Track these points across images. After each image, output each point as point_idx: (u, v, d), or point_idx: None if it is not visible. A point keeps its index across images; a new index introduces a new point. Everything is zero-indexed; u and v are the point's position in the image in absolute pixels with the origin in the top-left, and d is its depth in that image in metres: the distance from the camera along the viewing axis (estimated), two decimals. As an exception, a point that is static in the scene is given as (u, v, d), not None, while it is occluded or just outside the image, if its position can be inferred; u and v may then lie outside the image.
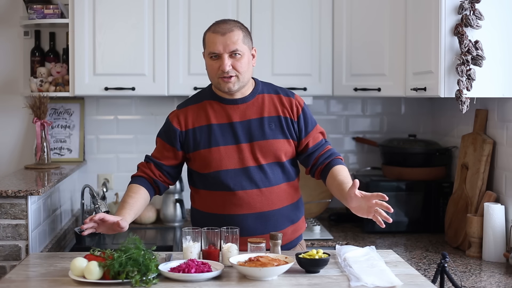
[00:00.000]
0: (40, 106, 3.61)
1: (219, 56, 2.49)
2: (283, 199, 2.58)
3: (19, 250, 2.81)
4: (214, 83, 2.57)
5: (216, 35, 2.49)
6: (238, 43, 2.48)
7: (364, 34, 3.60)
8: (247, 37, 2.54)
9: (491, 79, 2.92)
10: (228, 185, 2.52)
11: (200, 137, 2.55)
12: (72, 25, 3.59)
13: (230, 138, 2.54)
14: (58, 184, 3.33)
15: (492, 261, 2.99)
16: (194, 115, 2.59)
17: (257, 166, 2.54)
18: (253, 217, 2.54)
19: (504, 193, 3.08)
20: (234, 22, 2.54)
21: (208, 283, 2.15)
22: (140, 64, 3.62)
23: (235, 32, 2.49)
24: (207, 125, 2.56)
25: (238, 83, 2.52)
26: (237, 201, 2.53)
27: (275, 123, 2.57)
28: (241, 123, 2.55)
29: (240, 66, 2.49)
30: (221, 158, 2.53)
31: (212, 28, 2.53)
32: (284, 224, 2.59)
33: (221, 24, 2.52)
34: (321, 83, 3.68)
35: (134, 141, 4.02)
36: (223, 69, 2.48)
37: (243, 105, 2.58)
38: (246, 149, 2.54)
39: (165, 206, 3.90)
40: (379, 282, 2.14)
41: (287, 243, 2.61)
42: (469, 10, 2.87)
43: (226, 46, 2.47)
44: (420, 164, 3.69)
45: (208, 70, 2.57)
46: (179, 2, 3.62)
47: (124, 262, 2.10)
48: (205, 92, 2.67)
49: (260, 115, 2.57)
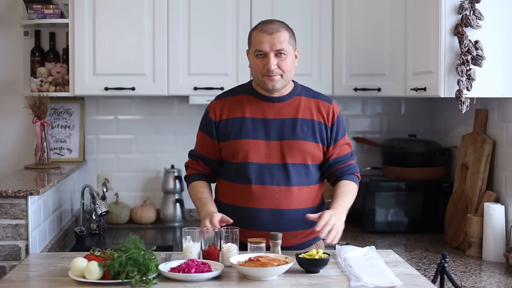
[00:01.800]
0: (40, 106, 3.61)
1: (265, 54, 2.54)
2: (301, 201, 2.60)
3: (19, 250, 2.81)
4: (258, 80, 2.60)
5: (263, 34, 2.53)
6: (284, 43, 2.54)
7: (364, 34, 3.60)
8: (292, 38, 2.60)
9: (491, 79, 2.92)
10: (250, 177, 2.57)
11: (232, 128, 2.60)
12: (72, 25, 3.59)
13: (261, 133, 2.59)
14: (58, 184, 3.33)
15: (492, 261, 2.99)
16: (229, 106, 2.64)
17: (282, 164, 2.57)
18: (269, 213, 2.56)
19: (504, 193, 3.09)
20: (280, 23, 2.59)
21: (208, 283, 2.15)
22: (140, 64, 3.62)
23: (281, 32, 2.54)
24: (241, 117, 2.61)
25: (282, 82, 2.57)
26: (256, 194, 2.56)
27: (308, 125, 2.61)
28: (275, 120, 2.60)
29: (285, 66, 2.55)
30: (249, 150, 2.57)
31: (259, 27, 2.58)
32: (299, 226, 2.60)
33: (268, 24, 2.57)
34: (321, 83, 3.68)
35: (134, 141, 4.02)
36: (268, 68, 2.53)
37: (279, 104, 2.62)
38: (274, 146, 2.58)
39: (165, 206, 3.90)
40: (379, 282, 2.14)
41: (302, 243, 2.63)
42: (469, 10, 2.87)
43: (273, 45, 2.52)
44: (420, 164, 3.69)
45: (252, 68, 2.61)
46: (179, 2, 3.62)
47: (124, 262, 2.10)
48: (244, 86, 2.72)
49: (294, 116, 2.61)
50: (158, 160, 4.02)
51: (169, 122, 4.01)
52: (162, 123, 4.02)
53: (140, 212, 3.92)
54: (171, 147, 4.01)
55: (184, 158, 2.83)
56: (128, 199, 4.01)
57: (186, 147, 2.97)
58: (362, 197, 3.69)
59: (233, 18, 3.62)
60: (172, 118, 4.01)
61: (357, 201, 3.82)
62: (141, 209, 3.93)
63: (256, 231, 2.52)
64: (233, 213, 2.56)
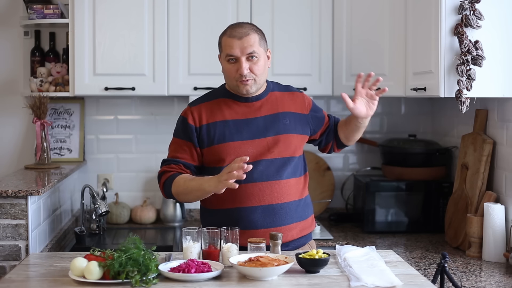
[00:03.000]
0: (40, 106, 3.61)
1: (236, 59, 2.53)
2: (291, 193, 2.60)
3: (19, 250, 2.81)
4: (232, 86, 2.59)
5: (233, 39, 2.52)
6: (255, 45, 2.53)
7: (364, 34, 3.60)
8: (263, 39, 2.59)
9: (491, 79, 2.92)
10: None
11: (214, 133, 2.58)
12: (72, 25, 3.59)
13: (244, 133, 2.58)
14: (58, 184, 3.33)
15: (492, 261, 2.98)
16: (207, 111, 2.62)
17: (269, 159, 2.58)
18: (261, 210, 2.56)
19: (504, 193, 3.08)
20: (249, 25, 2.59)
21: (208, 283, 2.15)
22: (140, 64, 3.62)
23: (251, 35, 2.53)
24: (222, 121, 2.59)
25: (256, 85, 2.57)
26: (246, 193, 2.55)
27: (289, 118, 2.63)
28: (256, 119, 2.61)
29: (257, 69, 2.54)
30: (235, 153, 2.55)
31: (228, 32, 2.56)
32: (292, 219, 2.60)
33: (237, 28, 2.56)
34: (321, 83, 3.68)
35: (134, 141, 4.02)
36: (241, 73, 2.52)
37: (258, 102, 2.63)
38: (260, 143, 2.58)
39: (165, 206, 3.90)
40: (379, 282, 2.14)
41: (294, 240, 2.62)
42: (469, 10, 2.87)
43: (243, 49, 2.51)
44: (420, 164, 3.69)
45: (225, 73, 2.59)
46: (179, 2, 3.62)
47: (124, 262, 2.10)
48: (218, 91, 2.70)
49: (275, 111, 2.63)
50: (158, 160, 3.99)
51: (169, 122, 4.00)
52: (162, 123, 4.02)
53: (140, 212, 3.92)
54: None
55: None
56: (128, 199, 4.01)
57: (186, 147, 2.97)
58: (362, 197, 3.69)
59: (233, 18, 3.62)
60: (172, 118, 4.00)
61: (357, 201, 3.85)
62: (141, 209, 3.93)
63: (249, 231, 2.51)
64: (225, 217, 2.55)
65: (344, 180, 4.04)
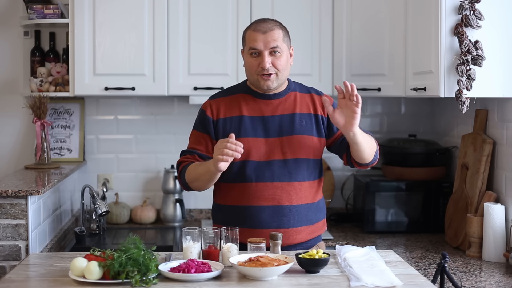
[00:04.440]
0: (40, 106, 3.61)
1: (259, 53, 2.54)
2: (302, 196, 2.60)
3: (19, 250, 2.81)
4: (253, 80, 2.60)
5: (257, 33, 2.55)
6: (278, 40, 2.55)
7: (364, 34, 3.60)
8: (286, 36, 2.61)
9: (491, 79, 2.92)
10: (250, 176, 2.56)
11: (230, 127, 2.59)
12: (72, 25, 3.59)
13: (260, 130, 2.59)
14: (58, 184, 3.33)
15: (492, 261, 2.99)
16: (226, 106, 2.63)
17: (283, 160, 2.57)
18: (270, 210, 2.56)
19: (504, 193, 3.08)
20: (273, 21, 2.60)
21: (208, 283, 2.15)
22: (140, 64, 3.62)
23: (275, 30, 2.55)
24: (239, 116, 2.60)
25: (277, 81, 2.58)
26: (256, 192, 2.56)
27: (306, 120, 2.62)
28: (273, 117, 2.60)
29: (279, 64, 2.55)
30: (249, 149, 2.56)
31: (253, 27, 2.59)
32: (300, 222, 2.59)
33: (262, 23, 2.58)
34: (321, 83, 3.68)
35: (134, 141, 4.02)
36: (263, 66, 2.53)
37: (276, 101, 2.63)
38: (274, 143, 2.58)
39: (165, 206, 3.90)
40: (379, 282, 2.14)
41: (303, 242, 2.62)
42: (469, 10, 2.87)
43: (267, 44, 2.53)
44: (420, 164, 3.69)
45: (247, 67, 2.61)
46: (179, 2, 3.62)
47: (124, 262, 2.10)
48: (239, 86, 2.72)
49: (292, 111, 2.62)
50: (158, 160, 4.02)
51: (169, 122, 4.01)
52: (162, 123, 4.02)
53: (140, 212, 3.92)
54: (171, 147, 4.01)
55: (184, 158, 2.83)
56: (128, 199, 4.01)
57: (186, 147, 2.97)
58: (362, 197, 3.69)
59: (233, 18, 3.62)
60: (172, 118, 4.01)
61: (357, 201, 3.85)
62: (141, 209, 3.93)
63: (257, 230, 2.52)
64: (234, 214, 2.57)
65: (344, 180, 4.04)
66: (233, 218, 2.52)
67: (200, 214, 4.05)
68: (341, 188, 4.03)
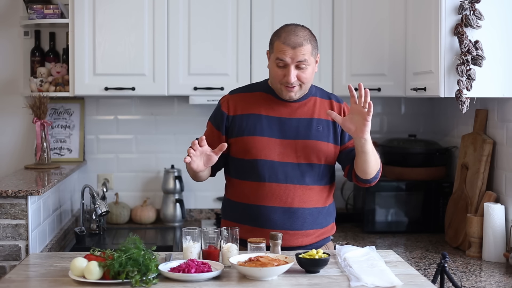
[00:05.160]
0: (40, 106, 3.61)
1: (285, 65, 2.51)
2: (314, 200, 2.60)
3: (19, 250, 2.81)
4: (276, 88, 2.59)
5: (286, 47, 2.49)
6: (307, 55, 2.51)
7: (364, 34, 3.60)
8: (315, 48, 2.56)
9: (491, 79, 2.92)
10: (263, 175, 2.56)
11: (246, 124, 2.59)
12: (72, 25, 3.59)
13: (276, 131, 2.58)
14: (58, 184, 3.33)
15: (492, 261, 2.98)
16: (244, 102, 2.63)
17: (296, 163, 2.57)
18: (281, 211, 2.56)
19: (504, 193, 3.08)
20: (304, 34, 2.52)
21: (208, 283, 2.15)
22: (140, 64, 3.62)
23: (305, 46, 2.50)
24: (256, 114, 2.60)
25: (300, 92, 2.57)
26: (268, 192, 2.56)
27: (323, 126, 2.60)
28: (290, 120, 2.59)
29: (304, 77, 2.53)
30: (263, 148, 2.56)
31: (282, 38, 2.51)
32: (310, 225, 2.60)
33: (292, 36, 2.50)
34: (321, 83, 3.67)
35: (134, 141, 4.02)
36: (288, 80, 2.51)
37: (295, 104, 2.61)
38: (289, 145, 2.58)
39: (165, 206, 3.90)
40: (379, 282, 2.14)
41: (311, 244, 2.61)
42: (469, 10, 2.87)
43: (295, 58, 2.49)
44: (420, 164, 3.69)
45: (271, 73, 2.58)
46: (179, 2, 3.62)
47: (124, 262, 2.10)
48: (260, 84, 2.71)
49: (310, 116, 2.61)
50: (158, 160, 4.02)
51: (169, 122, 4.01)
52: (162, 123, 4.02)
53: (140, 212, 3.92)
54: (171, 147, 4.01)
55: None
56: (128, 199, 4.01)
57: (186, 147, 2.95)
58: (362, 197, 3.69)
59: (233, 18, 3.62)
60: (172, 118, 4.01)
61: (357, 201, 3.85)
62: (141, 209, 3.93)
63: (267, 229, 2.51)
64: (244, 211, 2.58)
65: (344, 180, 4.04)
66: (244, 216, 2.53)
67: (200, 214, 4.05)
68: (341, 188, 4.02)
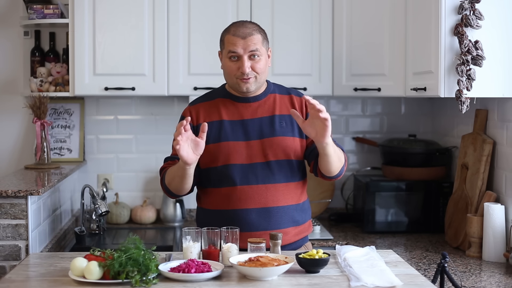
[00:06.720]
0: (40, 106, 3.61)
1: (238, 57, 2.55)
2: (287, 197, 2.60)
3: (19, 250, 2.81)
4: (232, 83, 2.60)
5: (237, 38, 2.54)
6: (258, 45, 2.55)
7: (364, 34, 3.60)
8: (265, 39, 2.61)
9: (491, 79, 2.92)
10: (234, 179, 2.56)
11: (210, 132, 2.58)
12: (72, 25, 3.59)
13: (240, 134, 2.59)
14: (58, 184, 3.33)
15: (492, 261, 2.99)
16: (205, 111, 2.64)
17: (265, 162, 2.58)
18: (256, 212, 2.56)
19: (504, 193, 3.09)
20: (252, 25, 2.60)
21: (208, 283, 2.15)
22: (140, 64, 3.62)
23: (255, 36, 2.55)
24: (218, 121, 2.61)
25: (256, 84, 2.58)
26: (242, 195, 2.56)
27: (286, 121, 2.62)
28: (253, 120, 2.60)
29: (258, 68, 2.56)
30: (230, 153, 2.57)
31: (232, 31, 2.57)
32: (287, 223, 2.60)
33: (241, 28, 2.57)
34: (321, 83, 3.68)
35: (134, 141, 4.02)
36: (243, 71, 2.54)
37: (255, 104, 2.63)
38: (255, 145, 2.58)
39: (165, 206, 3.90)
40: (379, 282, 2.14)
41: (291, 243, 2.62)
42: (469, 10, 2.87)
43: (247, 48, 2.53)
44: (420, 164, 3.69)
45: (225, 70, 2.60)
46: (179, 2, 3.62)
47: (124, 262, 2.10)
48: (217, 91, 2.72)
49: (271, 113, 2.62)
50: (158, 160, 4.01)
51: (169, 122, 4.01)
52: (162, 123, 4.02)
53: (140, 212, 3.92)
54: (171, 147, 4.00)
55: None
56: (128, 199, 4.01)
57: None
58: (362, 197, 3.69)
59: (233, 18, 3.61)
60: (172, 118, 4.01)
61: (357, 201, 3.85)
62: (141, 209, 3.93)
63: (245, 232, 2.50)
64: (220, 218, 2.55)
65: (344, 180, 4.04)
66: (220, 222, 2.48)
67: (200, 214, 4.04)
68: (341, 188, 4.03)
